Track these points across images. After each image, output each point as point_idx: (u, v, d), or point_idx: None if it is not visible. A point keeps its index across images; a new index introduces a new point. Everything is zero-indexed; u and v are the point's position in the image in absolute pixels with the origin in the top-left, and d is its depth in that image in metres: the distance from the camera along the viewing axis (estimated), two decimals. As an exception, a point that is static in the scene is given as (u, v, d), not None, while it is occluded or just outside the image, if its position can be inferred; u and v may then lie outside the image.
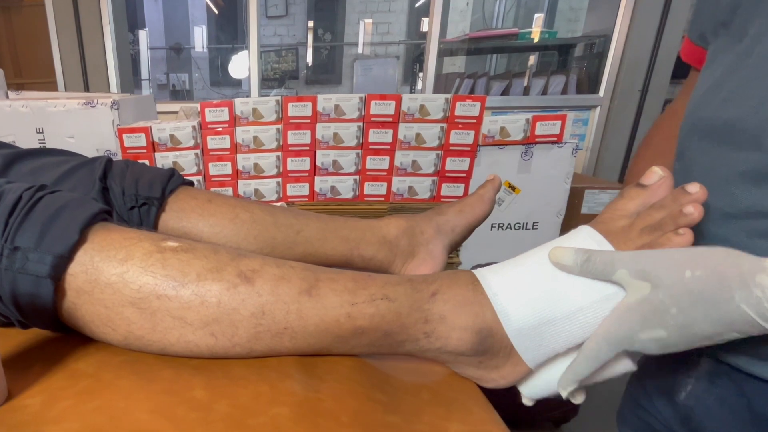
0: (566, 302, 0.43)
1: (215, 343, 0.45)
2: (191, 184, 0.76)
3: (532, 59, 3.91)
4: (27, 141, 1.33)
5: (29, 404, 0.40)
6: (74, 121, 1.35)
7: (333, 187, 1.37)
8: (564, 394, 0.45)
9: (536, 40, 3.31)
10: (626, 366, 0.43)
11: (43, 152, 0.73)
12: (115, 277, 0.44)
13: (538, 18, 4.16)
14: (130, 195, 0.68)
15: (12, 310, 0.45)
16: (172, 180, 0.72)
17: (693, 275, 0.36)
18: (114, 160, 0.73)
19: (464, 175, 1.32)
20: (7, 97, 1.75)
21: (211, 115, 1.30)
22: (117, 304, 0.44)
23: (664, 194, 0.45)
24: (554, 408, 1.62)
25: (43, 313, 0.45)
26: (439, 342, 0.46)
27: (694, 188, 0.42)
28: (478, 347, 0.45)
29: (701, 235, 0.47)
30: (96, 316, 0.45)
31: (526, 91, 3.06)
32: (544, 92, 2.98)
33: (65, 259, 0.44)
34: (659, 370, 0.65)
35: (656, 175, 0.46)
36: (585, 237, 0.46)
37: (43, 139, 1.37)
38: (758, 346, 0.47)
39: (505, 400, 0.52)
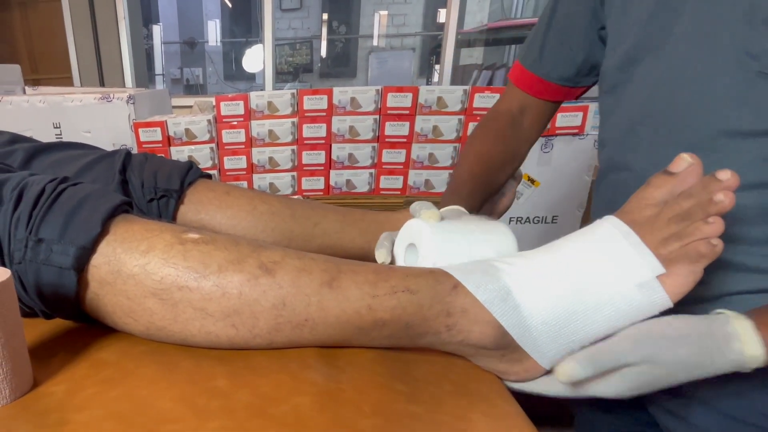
0: (585, 295, 0.43)
1: (236, 334, 0.45)
2: (209, 176, 0.76)
3: (552, 50, 3.85)
4: (44, 136, 1.34)
5: (54, 392, 0.41)
6: (90, 116, 1.36)
7: (348, 181, 1.37)
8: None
9: (557, 29, 3.26)
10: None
11: (62, 146, 0.74)
12: (137, 269, 0.44)
13: (559, 7, 4.09)
14: (149, 187, 0.68)
15: (36, 301, 0.46)
16: (191, 172, 0.72)
17: (687, 353, 0.41)
18: (133, 153, 0.73)
19: (481, 167, 1.31)
20: (24, 92, 1.77)
21: (226, 108, 1.31)
22: (139, 295, 0.44)
23: (692, 182, 0.44)
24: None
25: (66, 304, 0.45)
26: (460, 335, 0.45)
27: (725, 175, 0.41)
28: (500, 341, 0.45)
29: None
30: (118, 306, 0.45)
31: (544, 82, 3.03)
32: (563, 84, 2.94)
33: (88, 251, 0.44)
34: None
35: (685, 162, 0.45)
36: (610, 228, 0.45)
37: (60, 134, 1.38)
38: (702, 291, 0.51)
39: (522, 394, 0.51)
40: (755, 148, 0.49)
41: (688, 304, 0.56)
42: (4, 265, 0.45)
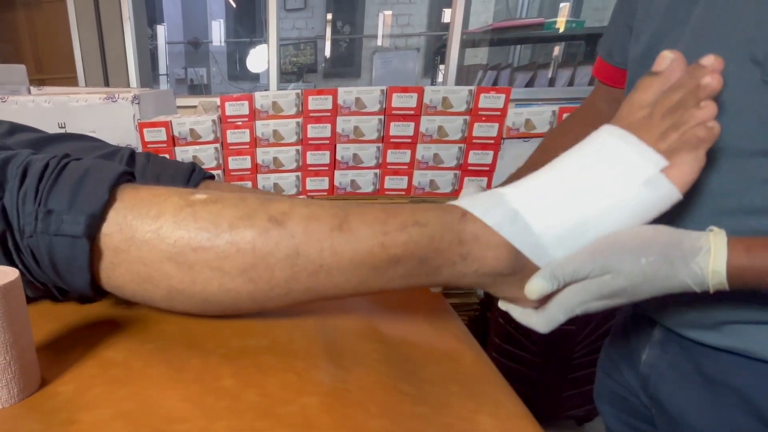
0: (594, 203, 0.43)
1: (255, 288, 0.45)
2: (212, 177, 0.76)
3: (557, 50, 3.84)
4: (50, 135, 1.35)
5: (62, 391, 0.41)
6: (96, 116, 1.36)
7: (353, 181, 1.37)
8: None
9: (562, 29, 3.25)
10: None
11: (64, 137, 0.74)
12: (150, 234, 0.45)
13: (564, 7, 4.05)
14: None
15: (50, 275, 0.46)
16: (194, 174, 0.72)
17: (647, 261, 0.41)
18: (136, 152, 0.74)
19: (487, 168, 1.31)
20: (29, 92, 1.78)
21: (231, 108, 1.31)
22: (155, 260, 0.45)
23: (678, 76, 0.44)
24: (578, 406, 1.61)
25: (81, 275, 0.46)
26: (475, 263, 0.45)
27: (708, 60, 0.42)
28: (515, 263, 0.45)
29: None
30: (136, 273, 0.46)
31: (551, 82, 3.02)
32: (571, 84, 2.93)
33: (98, 218, 0.45)
34: (621, 342, 0.69)
35: (667, 59, 0.45)
36: (606, 135, 0.46)
37: (66, 134, 1.38)
38: (703, 317, 0.52)
39: (528, 396, 0.52)
40: (755, 168, 0.47)
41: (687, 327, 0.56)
42: (15, 241, 0.46)
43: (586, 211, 0.43)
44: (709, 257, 0.40)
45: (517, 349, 1.54)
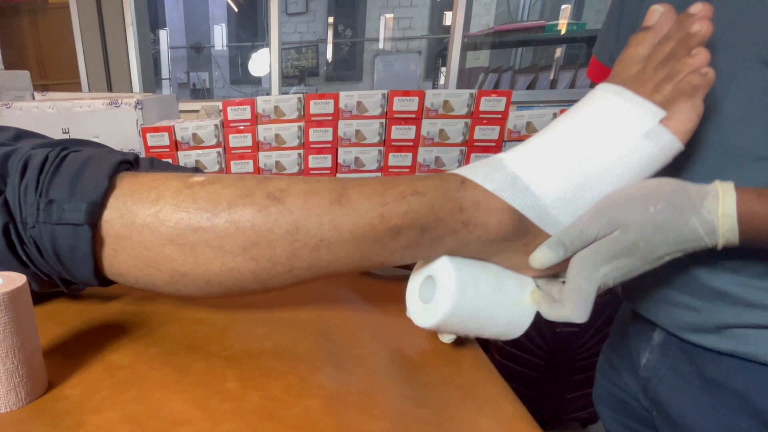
0: (594, 160, 0.43)
1: (257, 266, 0.45)
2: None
3: (559, 52, 3.84)
4: (55, 140, 1.35)
5: (69, 394, 0.41)
6: (99, 121, 1.37)
7: (355, 184, 1.37)
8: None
9: (563, 32, 3.25)
10: None
11: (71, 143, 0.75)
12: (150, 218, 0.45)
13: (565, 9, 4.05)
14: None
15: (54, 265, 0.47)
16: (198, 178, 0.72)
17: (655, 209, 0.40)
18: (140, 157, 0.74)
19: (487, 170, 1.31)
20: (34, 98, 1.79)
21: (233, 113, 1.31)
22: (156, 243, 0.45)
23: (668, 27, 0.44)
24: (582, 408, 1.60)
25: (84, 263, 0.46)
26: (478, 229, 0.45)
27: (696, 7, 0.42)
28: (518, 227, 0.44)
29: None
30: (138, 259, 0.46)
31: (553, 84, 3.01)
32: (572, 86, 2.92)
33: (99, 206, 0.45)
34: (620, 346, 0.69)
35: (657, 12, 0.45)
36: (601, 93, 0.46)
37: (70, 139, 1.39)
38: (704, 321, 0.53)
39: (532, 398, 0.52)
40: (761, 173, 0.47)
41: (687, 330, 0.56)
42: (18, 233, 0.46)
43: (587, 168, 0.43)
44: (717, 200, 0.39)
45: (521, 352, 1.54)
